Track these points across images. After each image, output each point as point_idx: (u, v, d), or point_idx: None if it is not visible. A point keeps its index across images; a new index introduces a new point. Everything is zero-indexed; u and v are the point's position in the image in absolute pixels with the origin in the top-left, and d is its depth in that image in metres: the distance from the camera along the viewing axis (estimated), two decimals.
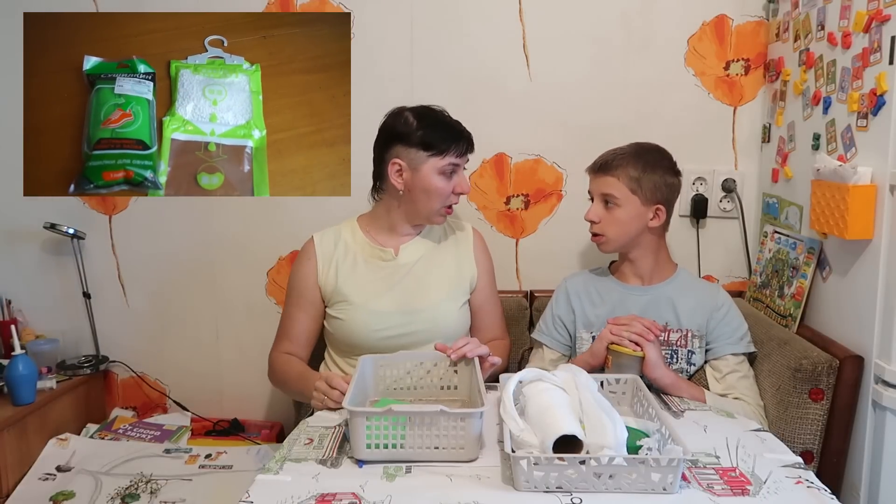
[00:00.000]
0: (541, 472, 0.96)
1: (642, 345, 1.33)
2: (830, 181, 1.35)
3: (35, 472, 1.68)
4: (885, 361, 1.26)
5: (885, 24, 1.24)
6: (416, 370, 1.31)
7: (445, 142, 1.45)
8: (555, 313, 1.57)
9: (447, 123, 1.49)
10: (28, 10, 1.84)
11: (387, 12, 1.85)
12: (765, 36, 1.83)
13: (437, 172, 1.45)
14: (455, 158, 1.46)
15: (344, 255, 1.54)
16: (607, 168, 1.45)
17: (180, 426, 1.94)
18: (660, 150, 1.49)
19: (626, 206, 1.44)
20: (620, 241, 1.48)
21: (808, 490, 0.98)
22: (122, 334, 2.01)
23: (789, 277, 1.57)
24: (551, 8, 1.84)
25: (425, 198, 1.47)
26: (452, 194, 1.49)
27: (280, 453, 1.10)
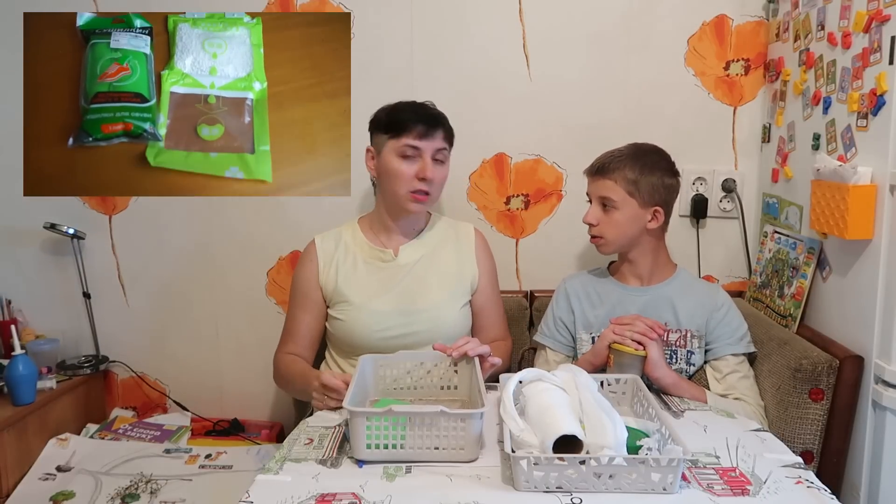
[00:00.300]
0: (541, 472, 0.96)
1: (645, 344, 1.33)
2: (830, 181, 1.35)
3: (35, 472, 1.68)
4: (885, 361, 1.26)
5: (885, 24, 1.24)
6: (417, 370, 1.31)
7: (402, 122, 1.46)
8: (556, 315, 1.57)
9: (411, 107, 1.50)
10: (28, 10, 1.84)
11: (387, 12, 1.85)
12: (765, 36, 1.83)
13: (396, 154, 1.46)
14: (413, 140, 1.45)
15: (344, 255, 1.54)
16: (605, 171, 1.44)
17: (180, 426, 1.94)
18: (658, 152, 1.49)
19: (624, 209, 1.44)
20: (619, 242, 1.48)
21: (808, 490, 0.98)
22: (122, 334, 2.01)
23: (789, 277, 1.57)
24: (551, 8, 1.84)
25: (390, 183, 1.48)
26: (417, 179, 1.46)
27: (280, 453, 1.10)
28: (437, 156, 1.48)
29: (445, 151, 1.51)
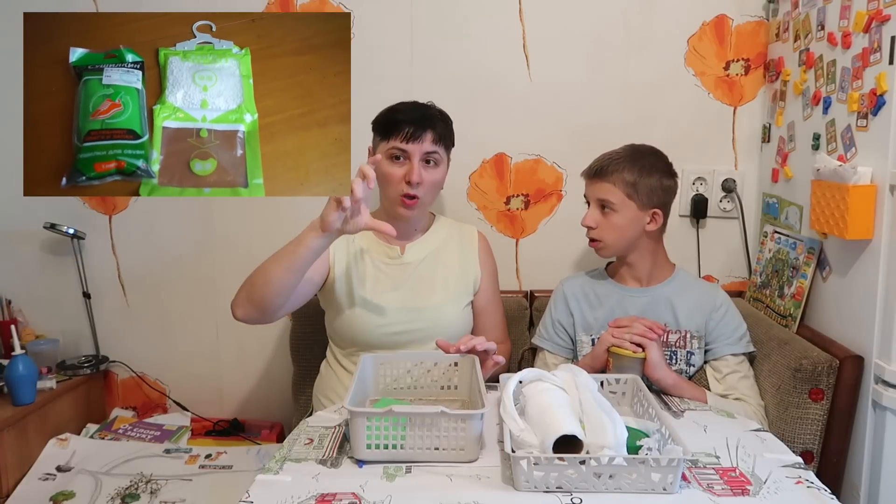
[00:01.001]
0: (541, 472, 0.96)
1: (644, 345, 1.33)
2: (830, 181, 1.35)
3: (35, 472, 1.68)
4: (885, 361, 1.26)
5: (885, 24, 1.24)
6: (416, 369, 1.31)
7: (390, 125, 1.46)
8: (554, 318, 1.56)
9: (405, 108, 1.49)
10: (28, 10, 1.83)
11: (387, 12, 1.85)
12: (765, 36, 1.83)
13: (386, 157, 1.46)
14: (399, 143, 1.44)
15: (354, 248, 1.54)
16: (603, 173, 1.43)
17: (180, 426, 1.94)
18: (655, 153, 1.48)
19: (623, 212, 1.43)
20: (618, 245, 1.47)
21: (808, 490, 0.98)
22: (122, 334, 2.01)
23: (789, 277, 1.57)
24: (551, 8, 1.84)
25: (383, 185, 1.49)
26: (405, 183, 1.45)
27: (280, 453, 1.10)
28: (426, 158, 1.46)
29: (437, 154, 1.48)
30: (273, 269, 1.33)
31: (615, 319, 1.41)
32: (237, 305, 1.38)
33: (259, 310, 1.36)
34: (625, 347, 1.33)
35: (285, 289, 1.34)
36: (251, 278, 1.38)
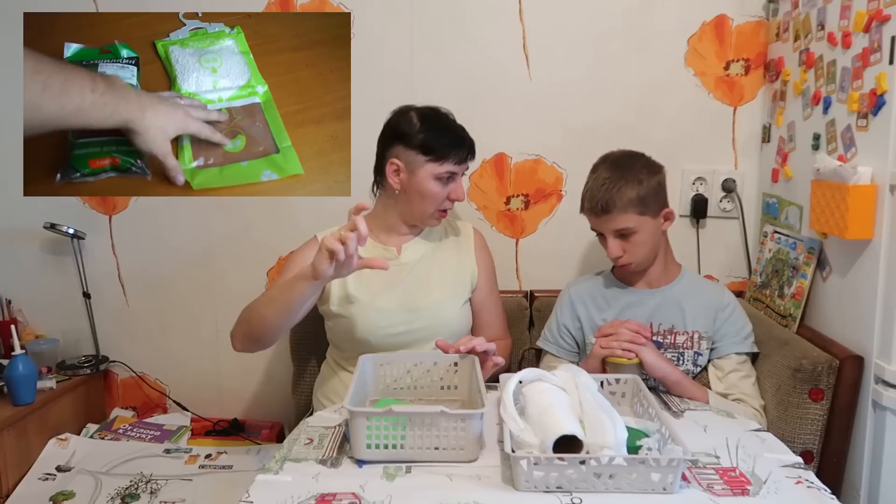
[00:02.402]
0: (541, 472, 0.96)
1: (636, 350, 1.33)
2: (830, 181, 1.35)
3: (35, 472, 1.68)
4: (885, 361, 1.26)
5: (885, 24, 1.24)
6: (416, 369, 1.31)
7: (445, 148, 1.45)
8: (560, 322, 1.56)
9: (450, 129, 1.49)
10: (28, 10, 1.84)
11: (387, 12, 1.85)
12: (765, 36, 1.83)
13: (433, 178, 1.46)
14: (453, 166, 1.46)
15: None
16: (609, 206, 1.40)
17: (180, 426, 1.94)
18: (634, 156, 1.46)
19: (643, 229, 1.42)
20: (649, 257, 1.47)
21: (808, 490, 0.98)
22: (122, 334, 2.01)
23: (789, 277, 1.57)
24: (551, 8, 1.84)
25: (419, 200, 1.48)
26: (447, 200, 1.49)
27: (280, 453, 1.10)
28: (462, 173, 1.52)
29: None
30: (268, 311, 1.34)
31: (599, 328, 1.40)
32: (236, 340, 1.43)
33: (258, 345, 1.42)
34: (617, 355, 1.33)
35: (280, 328, 1.38)
36: (247, 317, 1.39)
